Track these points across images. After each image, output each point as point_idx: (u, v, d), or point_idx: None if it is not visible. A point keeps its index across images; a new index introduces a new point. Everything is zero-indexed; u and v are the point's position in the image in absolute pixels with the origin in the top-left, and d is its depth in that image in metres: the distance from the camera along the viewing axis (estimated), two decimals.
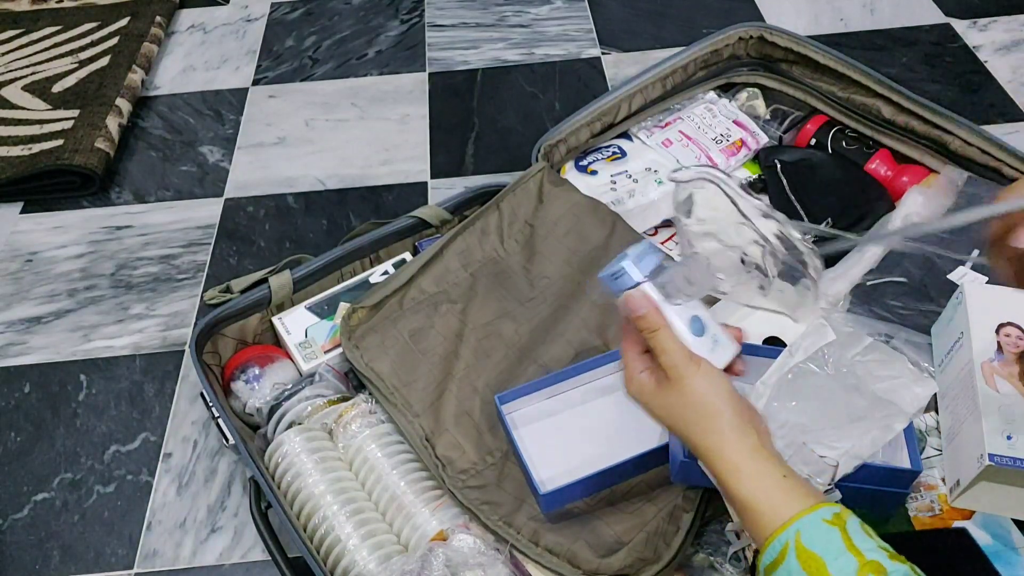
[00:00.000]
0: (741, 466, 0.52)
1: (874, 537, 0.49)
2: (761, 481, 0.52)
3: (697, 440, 0.55)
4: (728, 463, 0.53)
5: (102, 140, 1.20)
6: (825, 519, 0.49)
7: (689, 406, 0.55)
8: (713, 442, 0.54)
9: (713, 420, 0.54)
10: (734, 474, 0.52)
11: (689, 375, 0.55)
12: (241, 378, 0.86)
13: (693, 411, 0.55)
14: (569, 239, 0.92)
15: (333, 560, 0.73)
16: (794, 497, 0.51)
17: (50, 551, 0.83)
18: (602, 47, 1.36)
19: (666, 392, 0.56)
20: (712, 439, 0.54)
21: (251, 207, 1.15)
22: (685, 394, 0.55)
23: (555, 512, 0.73)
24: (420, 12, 1.47)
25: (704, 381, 0.55)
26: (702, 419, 0.54)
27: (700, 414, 0.54)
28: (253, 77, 1.36)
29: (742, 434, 0.53)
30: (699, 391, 0.55)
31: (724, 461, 0.53)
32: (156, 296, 1.05)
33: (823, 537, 0.48)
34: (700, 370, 0.55)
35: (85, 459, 0.90)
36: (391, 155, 1.21)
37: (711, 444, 0.54)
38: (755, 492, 0.52)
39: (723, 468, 0.53)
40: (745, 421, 0.54)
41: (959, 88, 1.23)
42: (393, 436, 0.80)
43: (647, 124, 1.07)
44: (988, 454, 0.64)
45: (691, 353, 0.56)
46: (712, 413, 0.54)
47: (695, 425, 0.55)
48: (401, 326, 0.86)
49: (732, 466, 0.53)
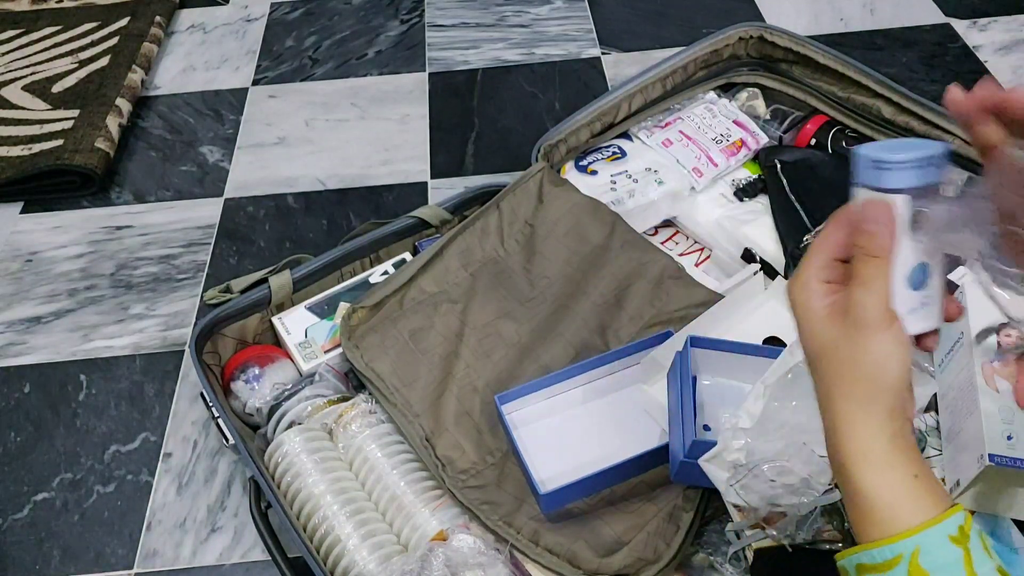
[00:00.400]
0: (872, 454, 0.45)
1: (993, 556, 0.43)
2: (889, 476, 0.44)
3: (837, 397, 0.46)
4: (860, 444, 0.45)
5: (102, 140, 1.20)
6: (951, 535, 0.43)
7: (855, 361, 0.45)
8: (853, 413, 0.45)
9: (871, 391, 0.45)
10: (861, 460, 0.45)
11: (876, 329, 0.45)
12: (241, 378, 0.86)
13: (856, 367, 0.45)
14: (569, 239, 0.92)
15: (333, 560, 0.73)
16: (921, 504, 0.44)
17: (50, 551, 0.83)
18: (602, 47, 1.36)
19: (838, 326, 0.46)
20: (855, 409, 0.45)
21: (251, 207, 1.15)
22: (858, 346, 0.45)
23: (555, 512, 0.73)
24: (420, 12, 1.47)
25: (888, 345, 0.45)
26: (859, 382, 0.45)
27: (859, 375, 0.45)
28: (253, 77, 1.36)
29: (890, 418, 0.45)
30: (876, 352, 0.45)
31: (855, 439, 0.45)
32: (156, 296, 1.05)
33: (943, 558, 0.42)
34: (890, 331, 0.45)
35: (85, 459, 0.90)
36: (391, 155, 1.21)
37: (850, 414, 0.45)
38: (878, 487, 0.44)
39: (851, 448, 0.45)
40: (901, 405, 0.45)
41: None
42: (393, 436, 0.80)
43: (647, 124, 1.07)
44: (988, 454, 0.64)
45: (889, 305, 0.46)
46: (875, 382, 0.45)
47: (847, 384, 0.46)
48: (401, 326, 0.86)
49: (863, 450, 0.45)
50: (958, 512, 0.43)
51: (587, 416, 0.79)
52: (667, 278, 0.87)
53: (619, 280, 0.88)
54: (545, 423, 0.79)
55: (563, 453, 0.76)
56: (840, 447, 0.46)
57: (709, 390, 0.76)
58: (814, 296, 0.47)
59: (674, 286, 0.86)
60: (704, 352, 0.75)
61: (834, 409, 0.46)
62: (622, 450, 0.74)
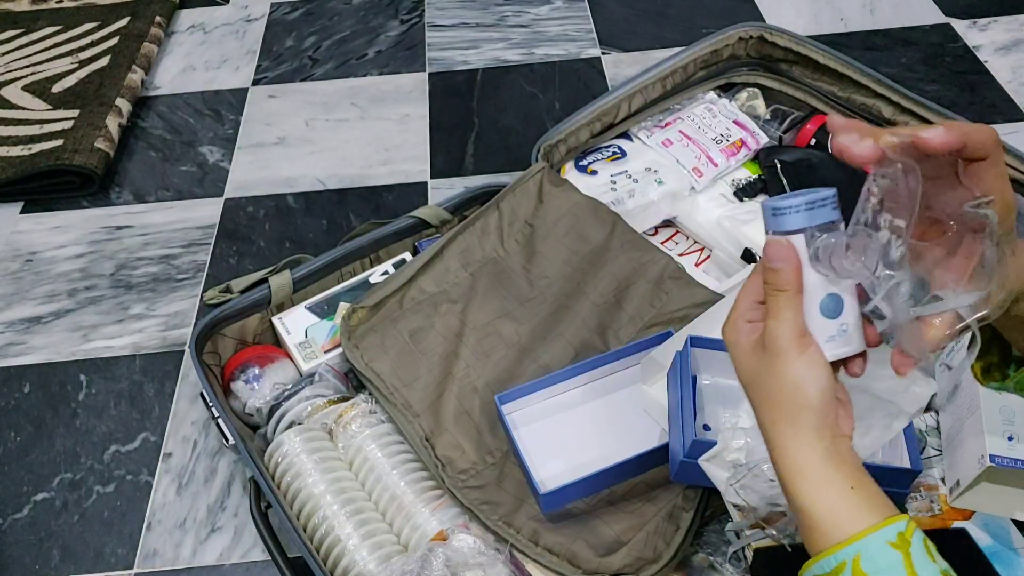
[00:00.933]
0: (806, 471, 0.48)
1: (937, 559, 0.46)
2: (824, 491, 0.47)
3: (768, 424, 0.50)
4: (793, 463, 0.48)
5: (102, 140, 1.20)
6: (890, 541, 0.45)
7: (774, 386, 0.49)
8: (784, 435, 0.49)
9: (792, 412, 0.48)
10: (797, 477, 0.48)
11: (788, 355, 0.48)
12: (241, 378, 0.86)
13: (777, 392, 0.49)
14: (569, 239, 0.92)
15: (333, 560, 0.73)
16: (859, 513, 0.47)
17: (50, 551, 0.83)
18: (602, 47, 1.36)
19: (759, 357, 0.50)
20: (784, 431, 0.49)
21: (251, 207, 1.15)
22: (775, 373, 0.49)
23: (555, 512, 0.73)
24: (420, 12, 1.47)
25: (801, 368, 0.48)
26: (781, 405, 0.49)
27: (781, 399, 0.49)
28: (253, 77, 1.36)
29: (818, 436, 0.48)
30: (791, 376, 0.48)
31: (790, 459, 0.48)
32: (156, 296, 1.05)
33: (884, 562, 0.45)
34: (803, 355, 0.48)
35: (85, 459, 0.90)
36: (391, 155, 1.21)
37: (781, 436, 0.49)
38: (816, 502, 0.47)
39: (787, 466, 0.49)
40: (827, 423, 0.48)
41: (959, 88, 1.23)
42: (393, 436, 0.80)
43: (647, 124, 1.07)
44: (989, 455, 0.64)
45: (803, 332, 0.49)
46: (794, 404, 0.48)
47: (773, 409, 0.49)
48: (401, 326, 0.86)
49: (797, 468, 0.48)
50: (899, 520, 0.46)
51: (587, 416, 0.79)
52: (667, 278, 0.87)
53: (619, 280, 0.88)
54: (545, 423, 0.79)
55: (563, 453, 0.76)
56: (778, 467, 0.49)
57: (709, 390, 0.76)
58: (740, 333, 0.51)
59: (674, 286, 0.86)
60: (704, 352, 0.75)
61: (768, 433, 0.50)
62: (622, 450, 0.74)
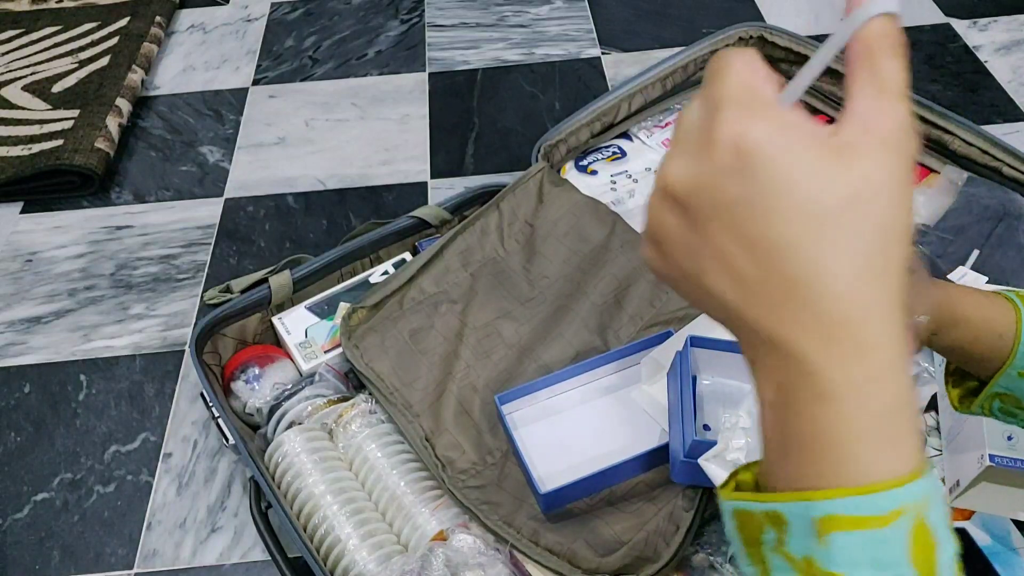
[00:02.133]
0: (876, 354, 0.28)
1: None
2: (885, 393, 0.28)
3: (804, 268, 0.27)
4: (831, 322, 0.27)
5: (102, 140, 1.20)
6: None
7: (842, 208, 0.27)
8: (799, 272, 0.27)
9: (815, 232, 0.27)
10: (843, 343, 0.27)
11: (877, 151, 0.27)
12: (241, 378, 0.86)
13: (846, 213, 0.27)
14: (569, 239, 0.92)
15: (333, 560, 0.73)
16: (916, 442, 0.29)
17: (50, 551, 0.83)
18: (602, 47, 1.36)
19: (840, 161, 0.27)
20: (798, 265, 0.27)
21: (251, 207, 1.15)
22: (760, 173, 0.27)
23: (555, 512, 0.73)
24: (420, 12, 1.47)
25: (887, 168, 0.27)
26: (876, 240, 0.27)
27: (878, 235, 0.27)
28: (253, 77, 1.36)
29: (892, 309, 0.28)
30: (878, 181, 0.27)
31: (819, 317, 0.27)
32: (156, 296, 1.05)
33: (942, 515, 0.29)
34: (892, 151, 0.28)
35: (85, 459, 0.90)
36: (391, 155, 1.21)
37: (792, 276, 0.27)
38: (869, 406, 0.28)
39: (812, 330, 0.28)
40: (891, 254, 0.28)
41: (959, 88, 1.23)
42: (393, 436, 0.80)
43: (647, 124, 1.07)
44: (989, 455, 0.64)
45: None
46: (817, 218, 0.27)
47: (824, 241, 0.27)
48: (401, 326, 0.86)
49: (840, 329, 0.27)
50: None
51: (587, 416, 0.79)
52: None
53: (619, 280, 0.88)
54: (545, 423, 0.79)
55: (563, 453, 0.76)
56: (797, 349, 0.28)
57: (709, 390, 0.76)
58: (797, 123, 0.28)
59: None
60: (704, 352, 0.75)
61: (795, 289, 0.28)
62: (622, 450, 0.74)
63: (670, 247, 0.31)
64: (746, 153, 0.27)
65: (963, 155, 0.94)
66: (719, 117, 0.28)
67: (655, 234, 0.31)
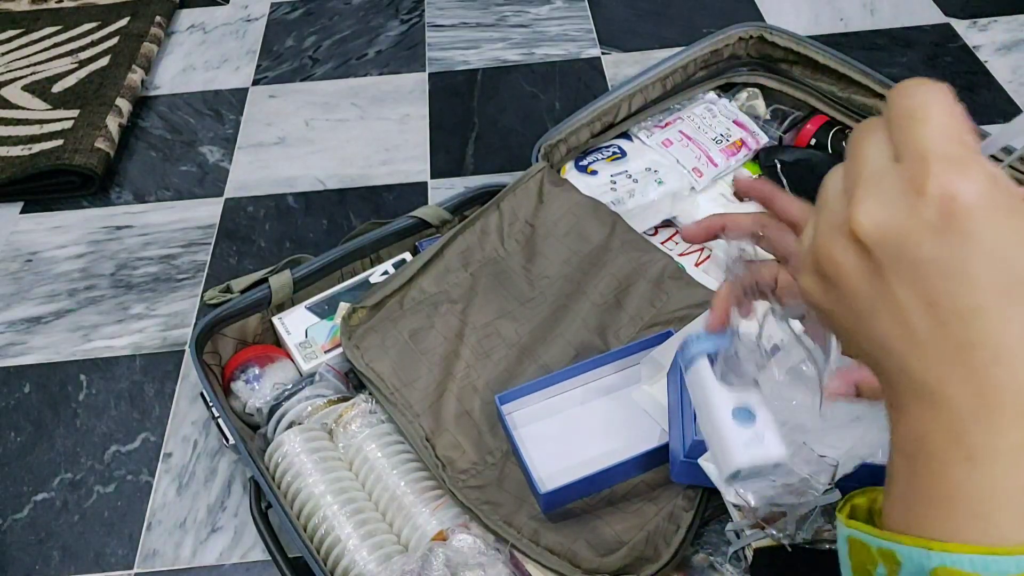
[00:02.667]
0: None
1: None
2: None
3: (985, 334, 0.28)
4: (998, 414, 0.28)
5: (102, 140, 1.20)
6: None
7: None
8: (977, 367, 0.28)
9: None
10: (1004, 427, 0.28)
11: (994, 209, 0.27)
12: (241, 378, 0.86)
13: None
14: (569, 239, 0.92)
15: (333, 560, 0.73)
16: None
17: (50, 551, 0.83)
18: (602, 47, 1.36)
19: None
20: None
21: (251, 207, 1.15)
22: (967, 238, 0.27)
23: (555, 512, 0.73)
24: (420, 12, 1.47)
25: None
26: None
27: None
28: (253, 77, 1.36)
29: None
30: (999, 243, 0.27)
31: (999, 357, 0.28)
32: (156, 296, 1.05)
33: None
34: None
35: (85, 459, 0.90)
36: (391, 155, 1.21)
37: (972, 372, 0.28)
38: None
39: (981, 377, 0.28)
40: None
41: (959, 88, 1.22)
42: (393, 436, 0.80)
43: (647, 124, 1.07)
44: None
45: None
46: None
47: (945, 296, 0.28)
48: (401, 326, 0.86)
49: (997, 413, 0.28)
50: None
51: (587, 416, 0.79)
52: (667, 278, 0.87)
53: (619, 280, 0.88)
54: (545, 423, 0.79)
55: (563, 453, 0.76)
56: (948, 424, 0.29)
57: None
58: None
59: (674, 286, 0.86)
60: None
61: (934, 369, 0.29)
62: (622, 450, 0.74)
63: (843, 287, 0.31)
64: (955, 215, 0.27)
65: None
66: (930, 170, 0.27)
67: (827, 270, 0.31)
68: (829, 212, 0.31)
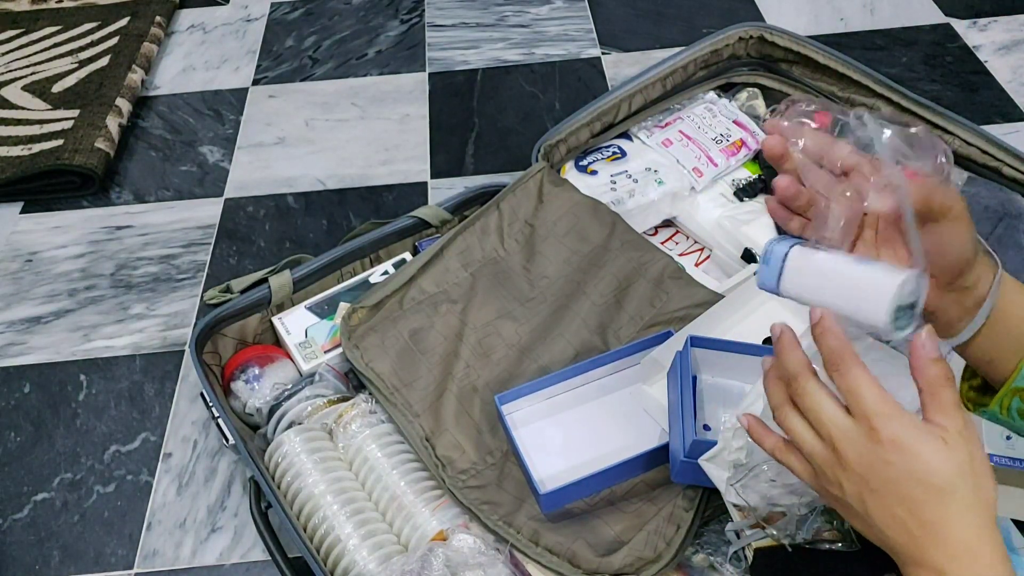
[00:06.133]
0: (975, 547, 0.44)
1: None
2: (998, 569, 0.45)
3: (908, 518, 0.45)
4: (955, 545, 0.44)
5: (102, 140, 1.20)
6: None
7: (908, 480, 0.45)
8: (935, 519, 0.45)
9: (942, 497, 0.44)
10: (962, 557, 0.44)
11: (919, 441, 0.45)
12: (241, 378, 0.86)
13: (911, 485, 0.45)
14: (569, 239, 0.92)
15: (333, 560, 0.73)
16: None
17: (50, 551, 0.83)
18: (602, 47, 1.36)
19: (875, 449, 0.45)
20: (935, 515, 0.45)
21: (251, 207, 1.15)
22: (908, 461, 0.44)
23: (555, 512, 0.73)
24: (420, 12, 1.47)
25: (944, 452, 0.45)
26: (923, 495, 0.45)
27: (922, 489, 0.45)
28: (253, 77, 1.36)
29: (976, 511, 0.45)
30: (932, 462, 0.44)
31: (948, 543, 0.44)
32: (156, 296, 1.05)
33: None
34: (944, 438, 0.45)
35: (85, 459, 0.90)
36: (391, 155, 1.21)
37: (931, 521, 0.45)
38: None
39: (945, 552, 0.44)
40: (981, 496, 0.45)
41: (959, 88, 1.23)
42: (393, 436, 0.80)
43: (647, 124, 1.07)
44: (988, 455, 0.64)
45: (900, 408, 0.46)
46: (942, 489, 0.44)
47: (909, 501, 0.45)
48: (401, 326, 0.86)
49: (961, 548, 0.44)
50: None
51: (587, 416, 0.79)
52: (667, 278, 0.87)
53: (619, 280, 0.88)
54: (545, 423, 0.79)
55: (563, 453, 0.76)
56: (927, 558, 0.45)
57: (709, 390, 0.76)
58: (847, 427, 0.47)
59: (674, 286, 0.86)
60: (704, 352, 0.75)
61: (911, 529, 0.46)
62: (622, 450, 0.74)
63: (848, 498, 0.47)
64: (898, 447, 0.45)
65: (963, 155, 0.94)
66: (877, 424, 0.45)
67: (831, 494, 0.48)
68: (822, 460, 0.48)
